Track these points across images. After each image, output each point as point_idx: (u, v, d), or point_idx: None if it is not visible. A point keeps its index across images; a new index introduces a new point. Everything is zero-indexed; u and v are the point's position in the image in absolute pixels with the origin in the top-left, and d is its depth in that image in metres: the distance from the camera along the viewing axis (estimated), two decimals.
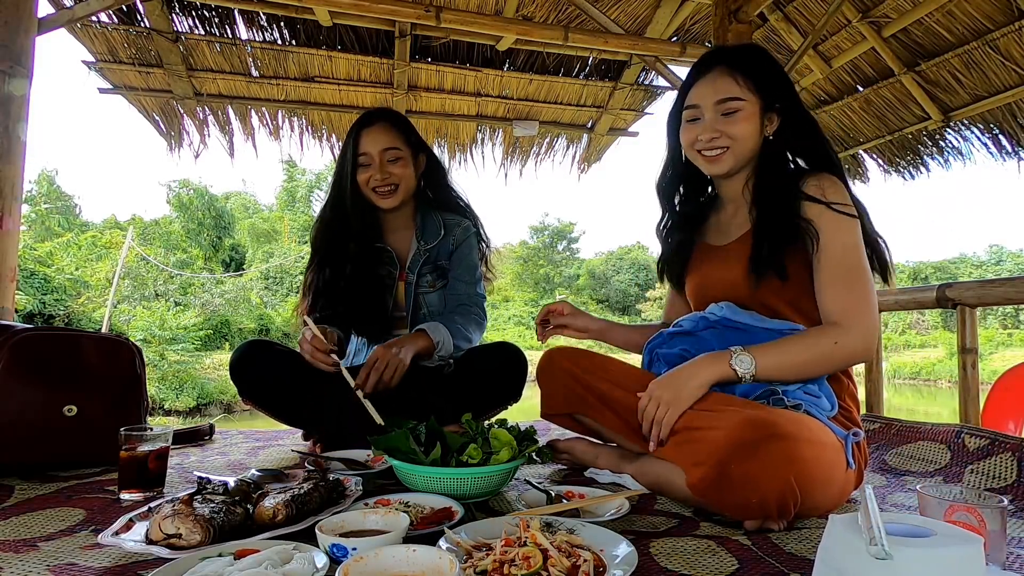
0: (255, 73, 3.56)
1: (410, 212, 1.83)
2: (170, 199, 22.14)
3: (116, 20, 3.15)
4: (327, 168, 24.98)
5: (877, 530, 0.59)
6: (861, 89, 3.57)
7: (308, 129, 3.88)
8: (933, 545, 0.60)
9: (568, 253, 32.70)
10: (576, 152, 4.42)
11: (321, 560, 0.78)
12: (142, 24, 3.20)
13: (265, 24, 3.41)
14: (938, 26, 3.03)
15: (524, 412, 1.93)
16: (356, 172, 1.71)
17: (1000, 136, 3.24)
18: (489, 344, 1.77)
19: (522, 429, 1.28)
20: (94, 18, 3.04)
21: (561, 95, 4.04)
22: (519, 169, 4.40)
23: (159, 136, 3.67)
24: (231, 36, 3.40)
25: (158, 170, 33.63)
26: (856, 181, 3.99)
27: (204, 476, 1.08)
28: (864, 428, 1.25)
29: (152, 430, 1.24)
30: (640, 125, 4.33)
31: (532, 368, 1.61)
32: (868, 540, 0.60)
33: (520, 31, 3.28)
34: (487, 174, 5.66)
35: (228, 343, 15.90)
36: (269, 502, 0.95)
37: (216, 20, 3.34)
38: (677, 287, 1.47)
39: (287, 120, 3.82)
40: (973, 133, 3.35)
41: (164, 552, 0.84)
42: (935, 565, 0.58)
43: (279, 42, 3.46)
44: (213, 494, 0.97)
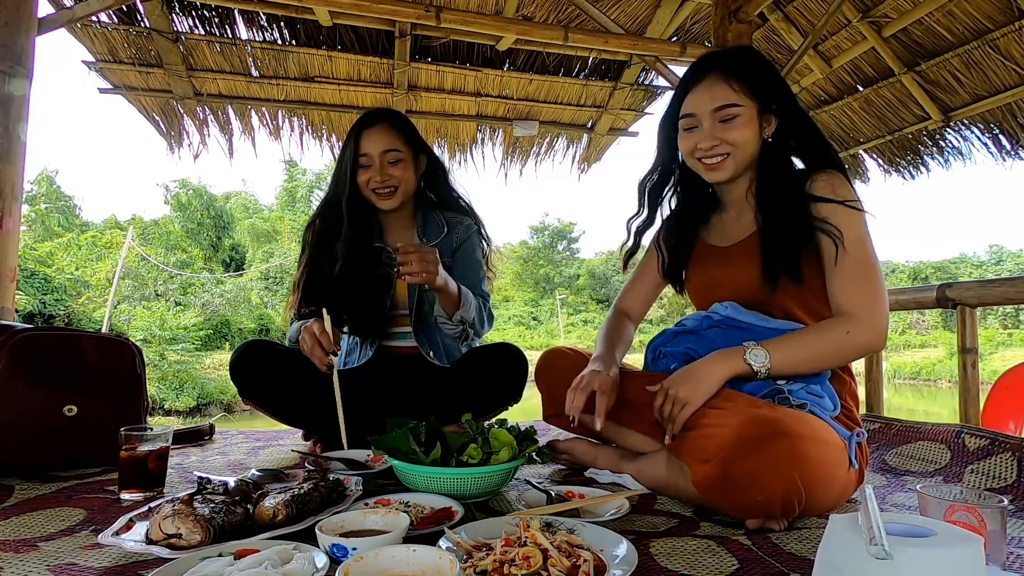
0: (255, 73, 3.56)
1: (410, 212, 1.83)
2: (168, 199, 22.12)
3: (116, 20, 3.15)
4: (327, 168, 24.95)
5: (877, 530, 0.59)
6: (861, 89, 3.57)
7: (308, 129, 3.88)
8: (933, 545, 0.60)
9: (568, 253, 32.68)
10: (576, 152, 4.42)
11: (321, 560, 0.78)
12: (142, 24, 3.20)
13: (265, 24, 3.41)
14: (938, 26, 3.03)
15: (524, 412, 1.93)
16: (356, 173, 1.70)
17: (1000, 136, 3.24)
18: (489, 344, 1.77)
19: (522, 429, 1.28)
20: (94, 18, 3.04)
21: (561, 95, 4.04)
22: (519, 169, 4.40)
23: (159, 136, 3.68)
24: (231, 36, 3.40)
25: (158, 170, 33.66)
26: (856, 181, 3.99)
27: (204, 476, 1.08)
28: (864, 428, 1.25)
29: (152, 430, 1.24)
30: (640, 125, 4.33)
31: (532, 368, 1.61)
32: (868, 540, 0.60)
33: (520, 31, 3.28)
34: (487, 174, 5.66)
35: (228, 343, 15.89)
36: (269, 502, 0.95)
37: (216, 20, 3.34)
38: (677, 287, 1.46)
39: (287, 120, 3.82)
40: (973, 133, 3.35)
41: (164, 552, 0.84)
42: (935, 565, 0.58)
43: (279, 42, 3.46)
44: (213, 494, 0.97)
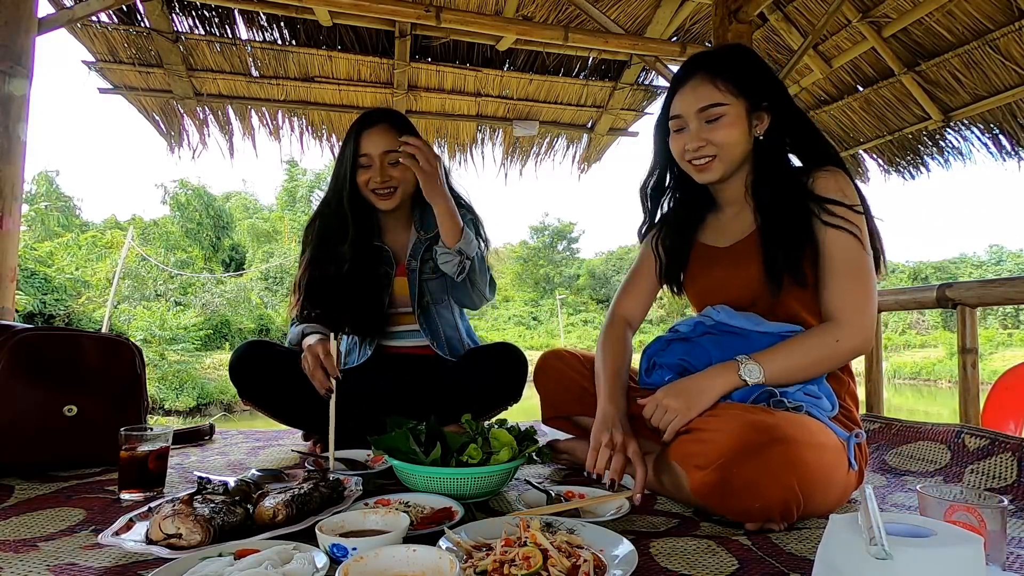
0: (255, 73, 3.56)
1: (408, 211, 1.82)
2: (167, 200, 22.11)
3: (116, 20, 3.15)
4: (327, 168, 24.94)
5: (877, 530, 0.59)
6: (861, 89, 3.57)
7: (308, 129, 3.88)
8: (933, 545, 0.60)
9: (568, 253, 32.69)
10: (576, 152, 4.42)
11: (321, 560, 0.78)
12: (142, 24, 3.20)
13: (265, 24, 3.41)
14: (938, 26, 3.03)
15: (524, 412, 1.94)
16: (356, 172, 1.70)
17: (1000, 136, 3.24)
18: (489, 344, 1.77)
19: (522, 429, 1.28)
20: (94, 18, 3.04)
21: (561, 95, 4.04)
22: (519, 169, 4.40)
23: (159, 136, 3.68)
24: (231, 36, 3.40)
25: (158, 170, 33.64)
26: (856, 181, 3.98)
27: (204, 476, 1.08)
28: (864, 428, 1.25)
29: (152, 430, 1.24)
30: (640, 125, 4.33)
31: (532, 368, 1.61)
32: (868, 540, 0.60)
33: (520, 31, 3.28)
34: (487, 174, 5.67)
35: (228, 343, 15.90)
36: (269, 502, 0.95)
37: (216, 20, 3.34)
38: (675, 289, 1.46)
39: (287, 120, 3.82)
40: (973, 133, 3.35)
41: (164, 552, 0.84)
42: (935, 565, 0.58)
43: (279, 42, 3.46)
44: (213, 494, 0.97)
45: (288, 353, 1.65)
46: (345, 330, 1.74)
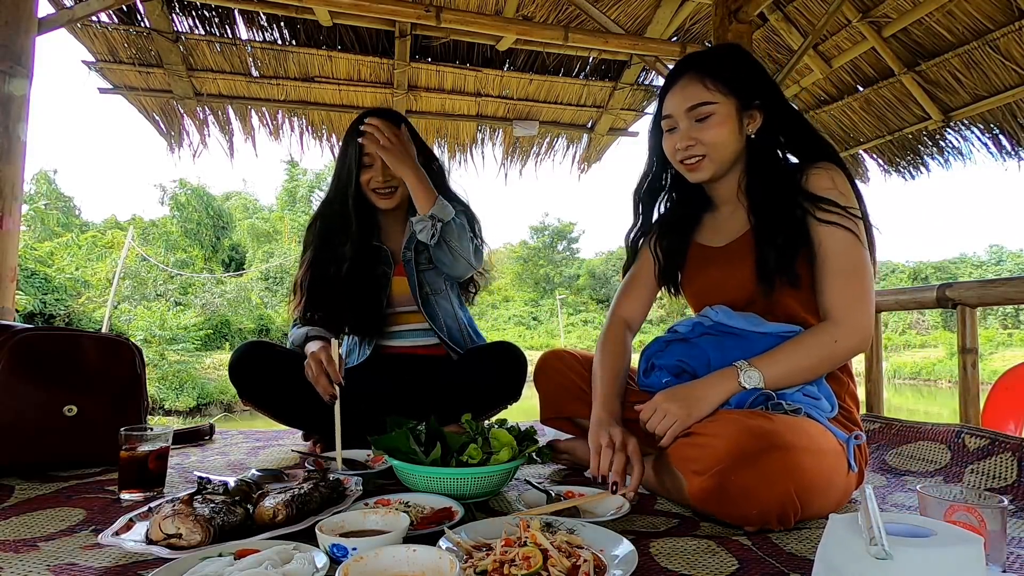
0: (255, 73, 3.56)
1: (405, 212, 1.83)
2: (166, 200, 22.10)
3: (116, 20, 3.15)
4: (327, 168, 24.94)
5: (877, 530, 0.59)
6: (861, 89, 3.57)
7: (308, 129, 3.88)
8: (933, 545, 0.60)
9: (568, 253, 32.66)
10: (576, 152, 4.42)
11: (321, 560, 0.78)
12: (142, 24, 3.20)
13: (265, 24, 3.41)
14: (938, 26, 3.03)
15: (524, 412, 1.93)
16: (360, 172, 1.71)
17: (1000, 136, 3.24)
18: (488, 343, 1.77)
19: (522, 429, 1.28)
20: (94, 18, 3.04)
21: (561, 95, 4.04)
22: (519, 169, 4.40)
23: (159, 136, 3.68)
24: (231, 36, 3.40)
25: (158, 170, 33.60)
26: (856, 181, 3.98)
27: (204, 476, 1.08)
28: (864, 428, 1.25)
29: (152, 430, 1.24)
30: (640, 125, 4.33)
31: (532, 368, 1.61)
32: (868, 540, 0.60)
33: (520, 31, 3.28)
34: (487, 174, 5.67)
35: (228, 343, 15.90)
36: (269, 502, 0.95)
37: (216, 20, 3.34)
38: (672, 292, 1.46)
39: (287, 120, 3.82)
40: (973, 133, 3.35)
41: (164, 552, 0.84)
42: (935, 565, 0.58)
43: (279, 42, 3.46)
44: (213, 494, 0.97)
45: (288, 354, 1.65)
46: (345, 331, 1.74)
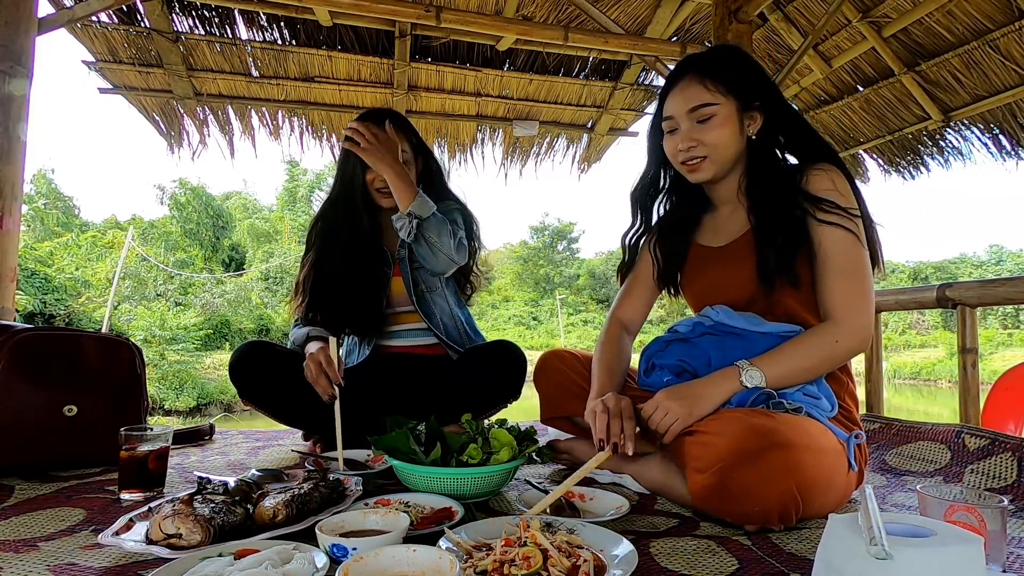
0: (255, 73, 3.56)
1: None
2: (165, 200, 22.10)
3: (116, 20, 3.15)
4: (327, 168, 24.93)
5: (877, 530, 0.59)
6: (861, 89, 3.57)
7: (308, 129, 3.88)
8: (933, 545, 0.60)
9: (568, 253, 32.65)
10: (576, 152, 4.42)
11: (321, 560, 0.78)
12: (142, 24, 3.20)
13: (265, 24, 3.41)
14: (938, 26, 3.03)
15: (524, 412, 1.93)
16: (364, 171, 1.71)
17: (1000, 136, 3.24)
18: (488, 342, 1.77)
19: (522, 429, 1.28)
20: (94, 18, 3.04)
21: (561, 95, 4.04)
22: (519, 169, 4.40)
23: (159, 136, 3.68)
24: (231, 36, 3.40)
25: (158, 170, 33.60)
26: (856, 181, 3.98)
27: (204, 476, 1.08)
28: (864, 428, 1.25)
29: (152, 430, 1.24)
30: (640, 125, 4.33)
31: (532, 368, 1.61)
32: (868, 540, 0.60)
33: (520, 31, 3.28)
34: (487, 174, 5.67)
35: (228, 343, 15.89)
36: (269, 502, 0.95)
37: (216, 20, 3.34)
38: (671, 293, 1.46)
39: (287, 120, 3.82)
40: (973, 133, 3.35)
41: (164, 552, 0.84)
42: (935, 565, 0.58)
43: (279, 42, 3.46)
44: (213, 494, 0.97)
45: (288, 353, 1.65)
46: (346, 331, 1.74)
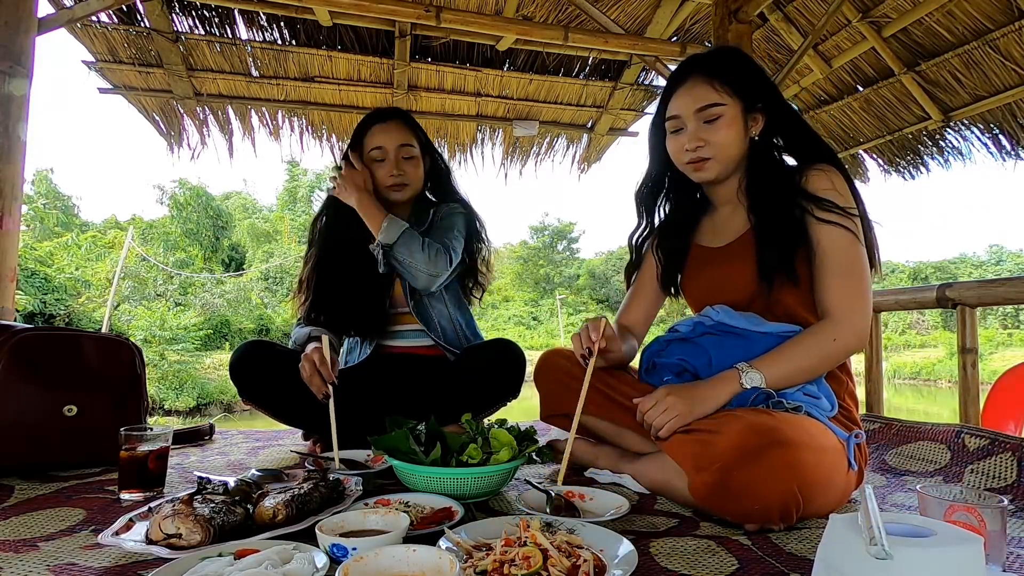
0: (255, 73, 3.56)
1: (408, 209, 1.83)
2: (164, 200, 22.10)
3: (116, 20, 3.15)
4: (327, 169, 24.92)
5: (877, 530, 0.59)
6: (861, 89, 3.56)
7: (308, 129, 3.88)
8: (933, 545, 0.60)
9: (568, 253, 32.64)
10: (576, 152, 4.42)
11: (321, 560, 0.78)
12: (142, 24, 3.20)
13: (265, 24, 3.41)
14: (938, 26, 3.03)
15: (524, 412, 1.93)
16: (373, 169, 1.71)
17: (1000, 136, 3.24)
18: (486, 341, 1.77)
19: (522, 429, 1.28)
20: (94, 18, 3.03)
21: (561, 95, 4.04)
22: (519, 169, 4.40)
23: (159, 136, 3.68)
24: (231, 36, 3.40)
25: (159, 170, 33.62)
26: (856, 181, 3.98)
27: (204, 476, 1.08)
28: (864, 428, 1.25)
29: (152, 430, 1.24)
30: (640, 125, 4.33)
31: (531, 368, 1.61)
32: (868, 540, 0.60)
33: (520, 31, 3.28)
34: (487, 174, 5.66)
35: (228, 343, 15.90)
36: (269, 502, 0.95)
37: (216, 20, 3.34)
38: (669, 292, 1.46)
39: (287, 120, 3.82)
40: (973, 133, 3.35)
41: (164, 552, 0.84)
42: (935, 565, 0.58)
43: (279, 42, 3.46)
44: (213, 494, 0.97)
45: (288, 353, 1.65)
46: (350, 333, 1.74)
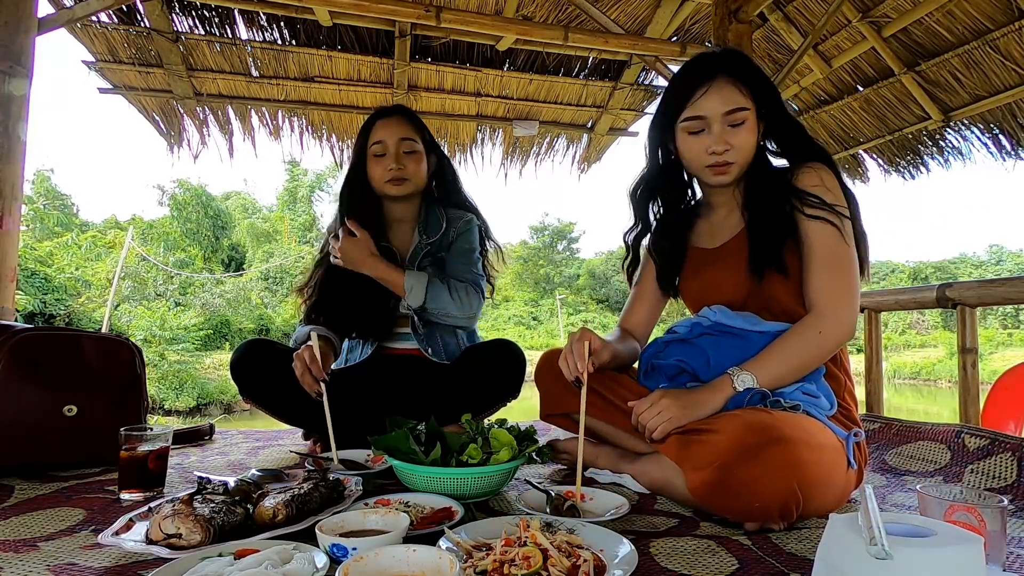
0: (255, 73, 3.56)
1: (414, 211, 1.82)
2: (164, 200, 22.09)
3: (116, 20, 3.15)
4: (327, 169, 24.95)
5: (877, 530, 0.59)
6: (861, 89, 3.56)
7: (308, 129, 3.88)
8: (933, 545, 0.60)
9: (568, 253, 32.63)
10: (576, 152, 4.42)
11: (321, 560, 0.78)
12: (142, 24, 3.20)
13: (265, 24, 3.41)
14: (938, 26, 3.03)
15: (524, 412, 1.93)
16: (367, 164, 1.70)
17: (1000, 136, 3.24)
18: (486, 342, 1.77)
19: (522, 429, 1.28)
20: (94, 18, 3.04)
21: (561, 95, 4.04)
22: (519, 169, 4.40)
23: (159, 136, 3.68)
24: (231, 36, 3.40)
25: (159, 170, 33.59)
26: (856, 181, 3.99)
27: (204, 476, 1.08)
28: (864, 428, 1.25)
29: (152, 430, 1.24)
30: (640, 125, 4.33)
31: (531, 368, 1.61)
32: (868, 540, 0.60)
33: (520, 31, 3.28)
34: (487, 174, 5.66)
35: (228, 343, 15.89)
36: (269, 502, 0.95)
37: (216, 20, 3.34)
38: (669, 294, 1.46)
39: (287, 120, 3.82)
40: (973, 133, 3.35)
41: (164, 552, 0.84)
42: (935, 565, 0.58)
43: (279, 42, 3.46)
44: (213, 494, 0.97)
45: (288, 352, 1.64)
46: (352, 334, 1.74)
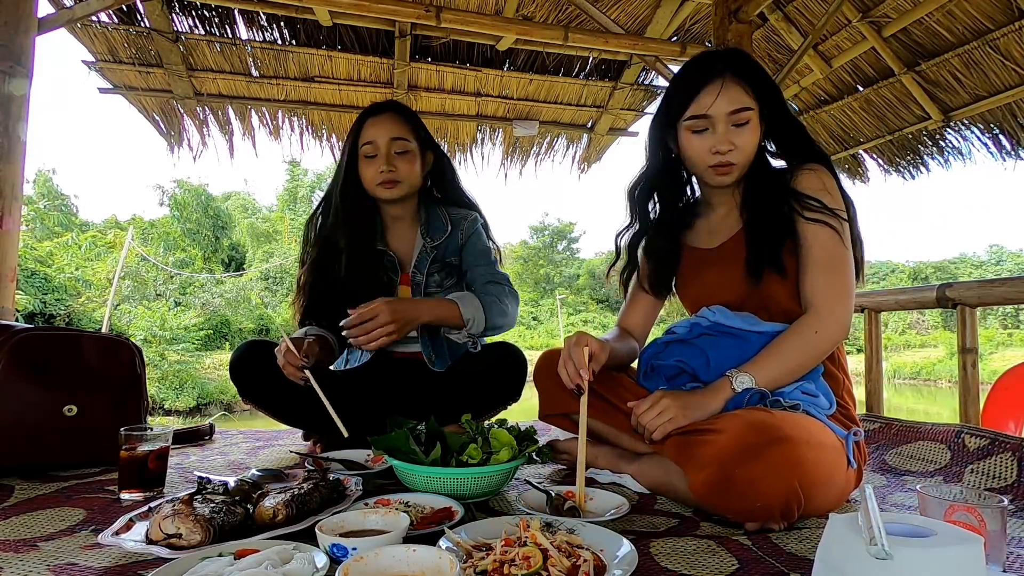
0: (255, 73, 3.56)
1: (413, 211, 1.77)
2: (164, 200, 22.08)
3: (116, 20, 3.15)
4: (327, 169, 24.93)
5: (877, 530, 0.59)
6: (861, 89, 3.56)
7: (308, 129, 3.88)
8: (933, 545, 0.60)
9: (568, 253, 32.62)
10: (576, 152, 4.42)
11: (321, 560, 0.78)
12: (142, 24, 3.20)
13: (265, 24, 3.41)
14: (938, 26, 3.03)
15: (524, 412, 1.93)
16: (358, 165, 1.65)
17: (1000, 136, 3.24)
18: (488, 344, 1.76)
19: (522, 429, 1.28)
20: (94, 18, 3.04)
21: (561, 95, 4.04)
22: (519, 169, 4.40)
23: (159, 136, 3.68)
24: (231, 36, 3.40)
25: (159, 170, 33.62)
26: (856, 181, 4.00)
27: (204, 476, 1.08)
28: (864, 428, 1.26)
29: (152, 430, 1.24)
30: (640, 125, 4.33)
31: (531, 368, 1.61)
32: (868, 540, 0.59)
33: (520, 31, 3.28)
34: (487, 174, 5.67)
35: (228, 343, 15.89)
36: (269, 502, 0.95)
37: (216, 20, 3.34)
38: (666, 295, 1.46)
39: (287, 120, 3.82)
40: (973, 133, 3.35)
41: (164, 552, 0.84)
42: (935, 565, 0.58)
43: (279, 42, 3.46)
44: (213, 494, 0.97)
45: None
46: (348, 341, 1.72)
